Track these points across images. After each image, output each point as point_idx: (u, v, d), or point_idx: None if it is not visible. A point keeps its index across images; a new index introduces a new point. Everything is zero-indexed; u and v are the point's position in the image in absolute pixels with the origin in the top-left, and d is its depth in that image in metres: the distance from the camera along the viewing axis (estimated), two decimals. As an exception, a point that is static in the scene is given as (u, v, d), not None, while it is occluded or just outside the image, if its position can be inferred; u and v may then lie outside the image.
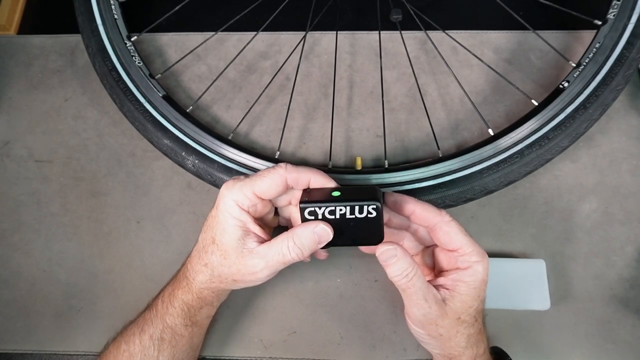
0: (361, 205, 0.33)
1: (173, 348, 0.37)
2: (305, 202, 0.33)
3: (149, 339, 0.36)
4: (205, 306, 0.38)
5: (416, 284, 0.33)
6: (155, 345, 0.36)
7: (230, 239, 0.34)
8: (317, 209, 0.33)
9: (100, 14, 0.50)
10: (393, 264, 0.34)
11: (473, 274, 0.34)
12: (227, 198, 0.34)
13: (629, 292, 0.44)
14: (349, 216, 0.33)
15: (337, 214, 0.33)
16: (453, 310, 0.34)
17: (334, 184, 0.35)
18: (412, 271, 0.33)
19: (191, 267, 0.37)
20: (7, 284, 0.47)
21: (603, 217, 0.46)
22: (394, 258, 0.34)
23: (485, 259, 0.34)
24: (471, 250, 0.34)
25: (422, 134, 0.50)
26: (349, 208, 0.33)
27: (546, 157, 0.43)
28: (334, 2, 0.54)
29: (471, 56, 0.50)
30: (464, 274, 0.34)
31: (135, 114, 0.47)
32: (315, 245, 0.34)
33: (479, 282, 0.34)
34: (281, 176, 0.34)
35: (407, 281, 0.33)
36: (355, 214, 0.33)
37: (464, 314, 0.34)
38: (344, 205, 0.33)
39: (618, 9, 0.45)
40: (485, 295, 0.35)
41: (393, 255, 0.34)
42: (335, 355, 0.43)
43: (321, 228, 0.33)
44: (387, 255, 0.34)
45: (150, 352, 0.36)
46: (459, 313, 0.34)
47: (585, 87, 0.43)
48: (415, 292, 0.33)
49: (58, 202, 0.49)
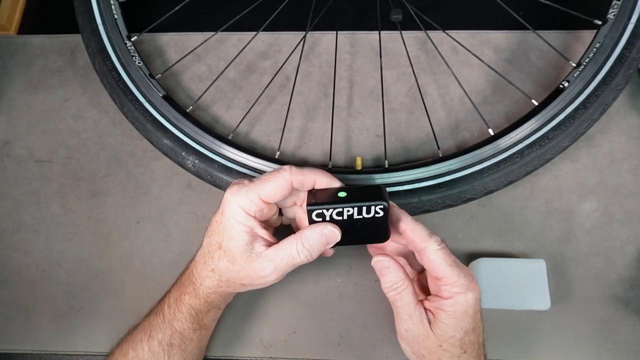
0: (369, 205, 0.33)
1: (182, 352, 0.37)
2: (312, 204, 0.33)
3: (158, 345, 0.36)
4: (212, 310, 0.38)
5: (404, 299, 0.34)
6: (165, 350, 0.36)
7: (238, 244, 0.34)
8: (324, 211, 0.33)
9: (100, 14, 0.50)
10: (384, 275, 0.35)
11: (453, 305, 0.33)
12: (233, 204, 0.34)
13: (629, 292, 0.44)
14: (356, 217, 0.33)
15: (345, 215, 0.33)
16: (435, 335, 0.33)
17: (338, 183, 0.36)
18: (401, 285, 0.34)
19: (197, 272, 0.37)
20: (7, 284, 0.47)
21: (603, 217, 0.46)
22: (385, 269, 0.35)
23: (469, 292, 0.33)
24: (454, 281, 0.33)
25: (422, 134, 0.50)
26: (356, 209, 0.33)
27: (546, 157, 0.43)
28: (334, 2, 0.54)
29: (471, 56, 0.50)
30: (444, 303, 0.33)
31: (135, 114, 0.47)
32: (323, 246, 0.34)
33: (461, 313, 0.33)
34: (286, 179, 0.34)
35: (396, 294, 0.34)
36: (363, 214, 0.33)
37: (445, 343, 0.33)
38: (351, 207, 0.33)
39: (618, 9, 0.45)
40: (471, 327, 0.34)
41: (385, 267, 0.35)
42: (335, 355, 0.43)
43: (329, 230, 0.34)
44: (379, 265, 0.35)
45: (160, 358, 0.36)
46: (440, 341, 0.33)
47: (585, 87, 0.43)
48: (401, 307, 0.34)
49: (58, 202, 0.49)
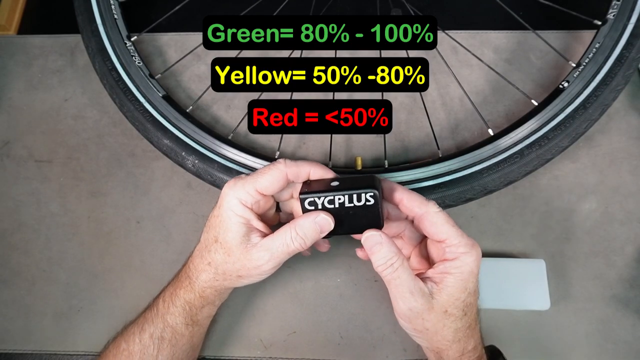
0: (359, 193, 0.33)
1: (173, 347, 0.37)
2: (304, 193, 0.34)
3: (148, 338, 0.36)
4: (206, 305, 0.38)
5: (402, 276, 0.33)
6: (155, 344, 0.36)
7: (234, 236, 0.35)
8: (316, 199, 0.34)
9: (100, 14, 0.50)
10: (377, 251, 0.33)
11: (460, 266, 0.33)
12: (230, 196, 0.35)
13: (629, 292, 0.44)
14: (347, 205, 0.34)
15: (336, 203, 0.34)
16: (440, 303, 0.33)
17: (332, 174, 0.36)
18: (397, 261, 0.33)
19: (194, 266, 0.37)
20: (7, 284, 0.47)
21: (603, 217, 0.46)
22: (378, 245, 0.33)
23: (474, 250, 0.33)
24: (458, 242, 0.33)
25: (422, 134, 0.50)
26: (347, 197, 0.34)
27: (546, 157, 0.43)
28: (334, 2, 0.54)
29: (471, 56, 0.50)
30: (450, 265, 0.33)
31: (135, 114, 0.47)
32: (317, 234, 0.35)
33: (467, 273, 0.33)
34: (281, 171, 0.35)
35: (392, 272, 0.33)
36: (354, 202, 0.34)
37: (451, 307, 0.33)
38: (342, 195, 0.34)
39: (618, 9, 0.45)
40: (474, 288, 0.34)
41: (378, 242, 0.34)
42: (335, 355, 0.43)
43: (322, 218, 0.34)
44: (371, 241, 0.34)
45: (150, 351, 0.36)
46: (445, 306, 0.33)
47: (585, 87, 0.43)
48: (401, 284, 0.33)
49: (58, 202, 0.49)
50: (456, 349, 0.34)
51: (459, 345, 0.34)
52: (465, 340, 0.34)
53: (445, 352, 0.35)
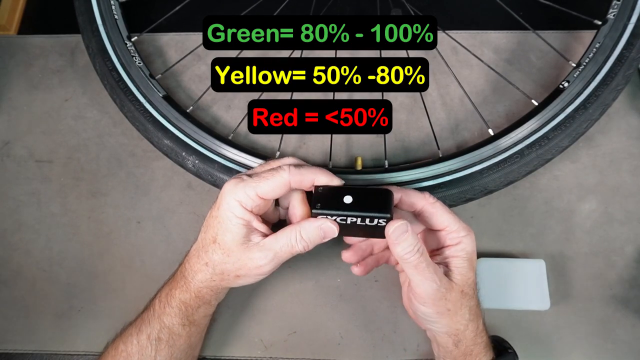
0: (372, 217, 0.34)
1: (170, 348, 0.37)
2: (318, 208, 0.34)
3: (146, 339, 0.36)
4: (203, 305, 0.38)
5: (427, 259, 0.34)
6: (153, 345, 0.36)
7: (234, 237, 0.35)
8: (329, 217, 0.35)
9: (100, 14, 0.50)
10: (405, 240, 0.34)
11: (464, 248, 0.36)
12: (230, 198, 0.35)
13: (629, 292, 0.44)
14: (359, 223, 0.35)
15: (348, 221, 0.35)
16: (457, 284, 0.35)
17: (338, 181, 0.36)
18: (422, 246, 0.34)
19: (190, 266, 0.37)
20: (7, 284, 0.47)
21: (603, 217, 0.46)
22: (405, 234, 0.34)
23: (471, 232, 0.36)
24: (458, 227, 0.36)
25: (422, 134, 0.50)
26: (359, 218, 0.34)
27: (546, 157, 0.43)
28: (334, 2, 0.54)
29: (471, 56, 0.50)
30: (455, 249, 0.36)
31: (135, 114, 0.47)
32: (320, 239, 0.35)
33: (471, 253, 0.36)
34: (285, 180, 0.35)
35: (420, 256, 0.34)
36: (366, 222, 0.34)
37: (465, 285, 0.35)
38: (355, 216, 0.34)
39: (618, 9, 0.45)
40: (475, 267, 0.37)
41: (404, 231, 0.34)
42: (335, 355, 0.43)
43: (328, 226, 0.35)
44: (399, 231, 0.34)
45: (148, 352, 0.36)
46: (461, 286, 0.35)
47: (585, 87, 0.43)
48: (427, 267, 0.34)
49: (58, 202, 0.49)
50: (472, 328, 0.36)
51: (474, 325, 0.36)
52: (476, 319, 0.36)
53: (463, 333, 0.36)
